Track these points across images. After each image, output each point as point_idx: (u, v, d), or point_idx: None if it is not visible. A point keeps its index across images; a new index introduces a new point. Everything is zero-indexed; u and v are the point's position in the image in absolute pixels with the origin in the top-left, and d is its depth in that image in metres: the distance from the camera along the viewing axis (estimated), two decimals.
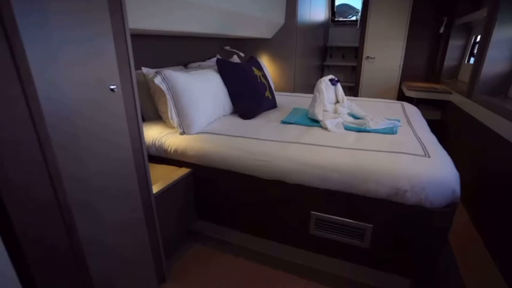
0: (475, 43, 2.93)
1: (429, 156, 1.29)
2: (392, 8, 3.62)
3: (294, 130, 1.67)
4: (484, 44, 2.08)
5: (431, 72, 3.61)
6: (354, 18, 4.74)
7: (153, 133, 1.66)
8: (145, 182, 1.10)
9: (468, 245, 1.66)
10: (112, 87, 0.88)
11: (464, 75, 2.97)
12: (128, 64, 0.95)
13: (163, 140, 1.61)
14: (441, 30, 3.31)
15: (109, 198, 0.93)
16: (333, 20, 4.77)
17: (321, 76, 2.08)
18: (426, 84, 3.34)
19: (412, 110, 2.17)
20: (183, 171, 1.53)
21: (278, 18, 2.84)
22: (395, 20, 3.65)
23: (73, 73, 0.75)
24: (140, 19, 1.39)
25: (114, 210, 0.96)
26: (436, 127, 2.22)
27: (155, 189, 1.29)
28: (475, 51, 2.73)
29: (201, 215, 1.68)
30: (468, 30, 3.08)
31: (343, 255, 1.39)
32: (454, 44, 3.18)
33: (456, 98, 2.62)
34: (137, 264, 1.12)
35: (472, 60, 2.92)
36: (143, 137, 1.07)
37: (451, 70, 3.27)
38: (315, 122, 1.78)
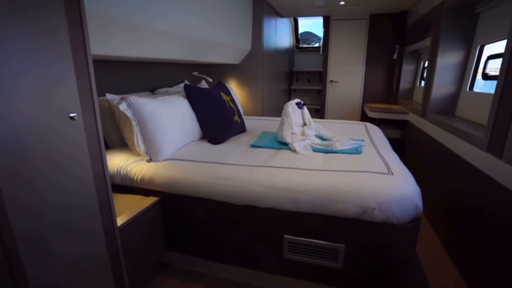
0: (424, 68, 3.23)
1: (393, 174, 1.35)
2: (351, 35, 3.93)
3: (264, 154, 1.68)
4: (431, 69, 2.31)
5: (389, 94, 3.90)
6: (317, 44, 5.06)
7: (118, 161, 1.59)
8: (108, 214, 1.03)
9: (433, 255, 1.73)
10: (71, 115, 0.84)
11: (418, 97, 3.23)
12: (90, 91, 0.92)
13: (128, 168, 1.54)
14: (395, 56, 3.63)
15: (66, 233, 0.85)
16: (297, 47, 5.05)
17: (289, 100, 2.16)
18: (386, 105, 3.59)
19: (375, 130, 2.29)
20: (151, 200, 1.46)
21: (244, 45, 2.94)
22: (354, 47, 3.95)
23: (27, 100, 0.71)
24: (108, 47, 1.38)
25: (71, 247, 0.88)
26: (397, 145, 2.36)
27: (120, 221, 1.21)
28: (425, 75, 3.00)
29: (171, 246, 1.59)
30: (418, 57, 3.41)
31: (317, 277, 1.38)
32: (407, 69, 3.49)
33: (412, 118, 2.83)
34: None
35: (423, 83, 3.20)
36: (106, 166, 1.01)
37: (406, 92, 3.56)
38: (284, 145, 1.81)
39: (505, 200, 1.22)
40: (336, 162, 1.52)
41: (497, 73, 1.39)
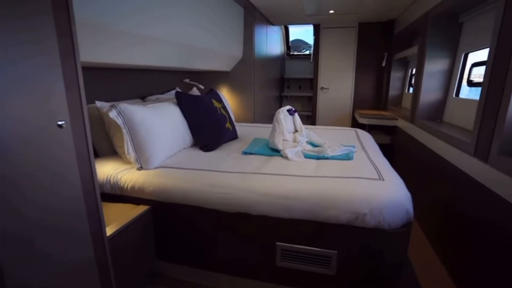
0: (412, 75, 3.30)
1: (383, 180, 1.36)
2: (341, 43, 4.01)
3: (256, 161, 1.68)
4: (418, 76, 2.36)
5: (379, 100, 3.96)
6: (307, 52, 5.12)
7: (107, 170, 1.56)
8: (96, 220, 1.01)
9: (425, 260, 1.74)
10: (60, 123, 0.83)
11: (406, 103, 3.30)
12: (79, 99, 0.91)
13: (118, 177, 1.52)
14: (383, 64, 3.70)
15: (52, 236, 0.83)
16: (288, 54, 5.11)
17: (280, 107, 2.17)
18: (376, 111, 3.65)
19: (365, 136, 2.32)
20: (141, 208, 1.43)
21: (236, 52, 2.95)
22: (344, 54, 4.02)
23: (15, 106, 0.70)
24: (98, 54, 1.37)
25: (60, 257, 0.85)
26: (387, 150, 2.39)
27: (109, 230, 1.19)
28: (413, 82, 3.07)
29: (162, 256, 1.56)
30: (406, 64, 3.49)
31: (311, 284, 1.37)
32: (395, 76, 3.56)
33: (401, 124, 2.88)
34: None
35: (411, 89, 3.27)
36: (96, 174, 1.00)
37: (395, 98, 3.62)
38: (275, 151, 1.81)
39: (492, 204, 1.24)
40: (327, 168, 1.53)
41: (481, 80, 1.43)
